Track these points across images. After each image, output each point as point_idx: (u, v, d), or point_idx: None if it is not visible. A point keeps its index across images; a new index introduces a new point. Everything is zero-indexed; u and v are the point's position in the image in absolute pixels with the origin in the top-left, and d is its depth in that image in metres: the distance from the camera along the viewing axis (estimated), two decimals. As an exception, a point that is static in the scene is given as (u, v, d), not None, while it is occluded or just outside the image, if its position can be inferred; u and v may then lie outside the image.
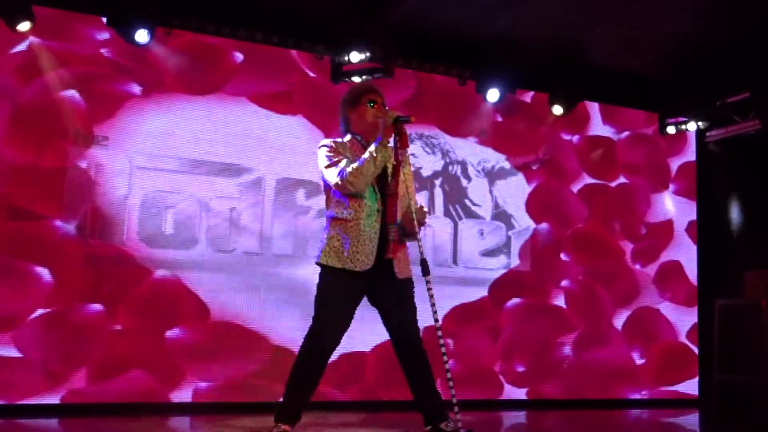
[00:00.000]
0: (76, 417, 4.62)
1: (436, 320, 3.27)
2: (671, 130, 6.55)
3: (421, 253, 3.34)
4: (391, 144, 3.43)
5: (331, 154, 3.43)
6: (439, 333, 3.23)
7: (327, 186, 3.50)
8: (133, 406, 4.81)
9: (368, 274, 3.37)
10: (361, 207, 3.38)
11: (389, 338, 3.55)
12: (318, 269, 3.50)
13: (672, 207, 6.76)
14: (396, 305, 3.46)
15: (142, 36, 4.92)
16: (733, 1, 5.06)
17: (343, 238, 3.38)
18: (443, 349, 3.23)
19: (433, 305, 3.27)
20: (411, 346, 3.47)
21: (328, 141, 3.53)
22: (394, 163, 3.44)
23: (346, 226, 3.38)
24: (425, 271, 3.30)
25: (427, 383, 3.48)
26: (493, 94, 5.88)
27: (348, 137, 3.57)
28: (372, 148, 3.34)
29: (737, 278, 6.21)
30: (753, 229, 6.56)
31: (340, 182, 3.34)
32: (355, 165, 3.32)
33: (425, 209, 3.48)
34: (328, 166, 3.42)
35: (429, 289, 3.26)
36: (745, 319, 6.12)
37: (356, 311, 5.16)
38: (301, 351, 3.46)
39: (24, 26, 4.70)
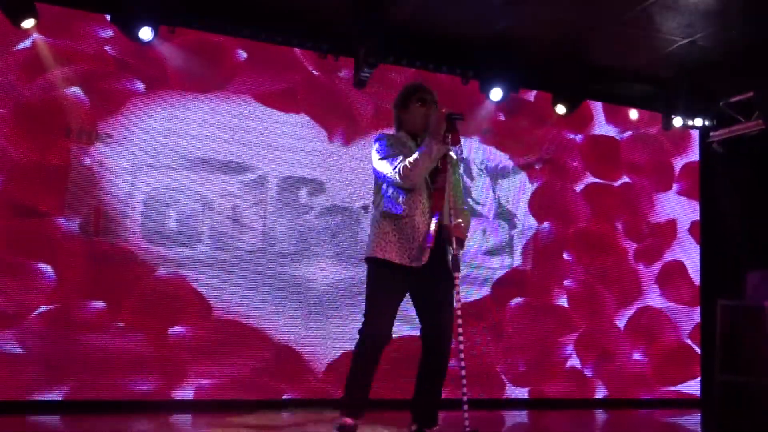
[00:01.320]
0: (78, 414, 4.63)
1: (459, 316, 3.29)
2: (677, 122, 6.49)
3: (453, 249, 3.36)
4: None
5: (387, 148, 3.50)
6: (460, 330, 3.25)
7: (379, 180, 3.55)
8: (135, 403, 4.83)
9: (419, 271, 3.39)
10: (415, 204, 3.43)
11: (420, 332, 3.55)
12: (360, 267, 3.54)
13: (675, 207, 6.75)
14: (437, 304, 3.47)
15: (146, 34, 4.93)
16: (737, 1, 5.05)
17: (396, 233, 3.42)
18: (461, 346, 3.25)
19: (458, 302, 3.29)
20: (437, 347, 3.49)
21: (383, 135, 3.60)
22: (449, 158, 3.46)
23: (400, 223, 3.43)
24: (456, 267, 3.32)
25: (433, 385, 3.52)
26: (496, 93, 5.88)
27: (402, 133, 3.63)
28: (427, 142, 3.38)
29: (740, 278, 6.21)
30: (756, 230, 6.55)
31: (397, 175, 3.39)
32: (411, 158, 3.38)
33: (462, 225, 3.49)
34: (382, 159, 3.48)
35: (456, 285, 3.28)
36: (747, 320, 6.11)
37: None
38: (356, 346, 3.49)
39: (28, 23, 4.71)
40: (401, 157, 3.42)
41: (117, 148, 5.02)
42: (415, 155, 3.38)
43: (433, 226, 3.37)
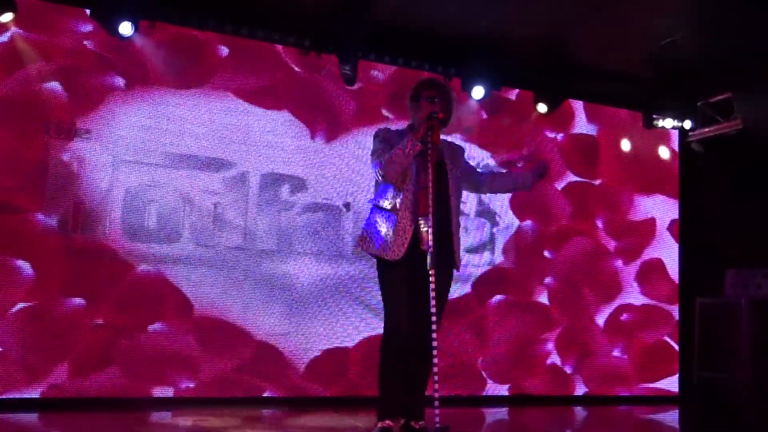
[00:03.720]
0: (56, 412, 4.59)
1: (433, 314, 3.30)
2: (657, 123, 6.58)
3: (430, 246, 3.36)
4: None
5: (379, 144, 3.57)
6: (434, 327, 3.27)
7: (374, 174, 3.64)
8: (115, 401, 4.80)
9: (406, 264, 3.43)
10: (400, 200, 3.48)
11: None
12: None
13: (654, 205, 6.81)
14: (421, 295, 3.46)
15: (125, 29, 4.90)
16: (717, 3, 5.10)
17: (379, 227, 3.50)
18: (434, 343, 3.27)
19: (432, 298, 3.30)
20: (417, 339, 3.50)
21: (380, 130, 3.66)
22: (428, 157, 3.46)
23: (384, 215, 3.50)
24: (432, 264, 3.33)
25: (417, 379, 3.55)
26: (478, 92, 5.89)
27: (406, 127, 3.70)
28: (406, 138, 3.44)
29: (718, 277, 6.29)
30: (734, 228, 6.63)
31: (378, 169, 3.49)
32: (388, 155, 3.44)
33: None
34: (372, 154, 3.58)
35: (431, 282, 3.30)
36: (725, 317, 6.19)
37: (345, 306, 5.13)
38: (380, 345, 3.53)
39: (6, 17, 4.65)
40: (386, 152, 3.48)
41: (96, 144, 4.97)
42: (392, 152, 3.43)
43: (424, 228, 3.39)
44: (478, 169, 3.87)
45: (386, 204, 3.51)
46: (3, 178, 4.72)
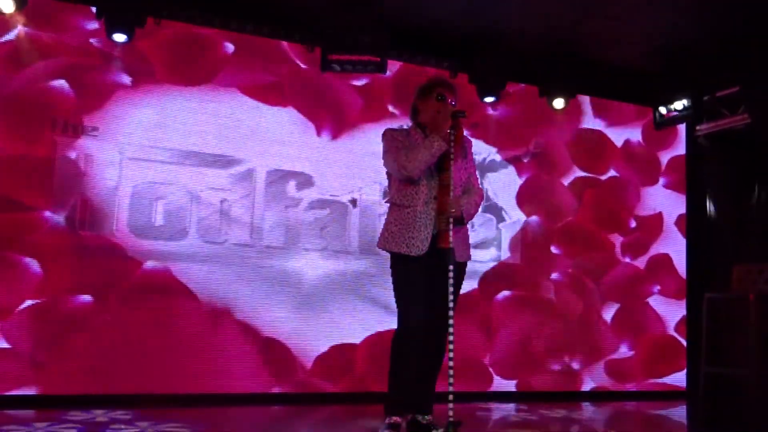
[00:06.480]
0: (64, 408, 4.60)
1: (451, 309, 3.31)
2: (664, 120, 6.58)
3: (450, 243, 3.37)
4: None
5: (390, 142, 3.58)
6: (451, 321, 3.28)
7: (388, 173, 3.66)
8: (123, 397, 4.81)
9: (425, 259, 3.45)
10: (418, 194, 3.50)
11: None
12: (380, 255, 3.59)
13: (661, 200, 6.79)
14: (439, 291, 3.45)
15: (119, 38, 4.92)
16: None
17: (399, 223, 3.51)
18: (451, 337, 3.28)
19: (451, 293, 3.31)
20: (431, 333, 3.51)
21: (388, 130, 3.67)
22: (452, 155, 3.48)
23: (403, 212, 3.52)
24: (449, 259, 3.34)
25: (428, 373, 3.55)
26: (485, 88, 5.88)
27: (411, 125, 3.71)
28: (429, 137, 3.47)
29: (726, 272, 6.26)
30: (741, 223, 6.60)
31: (396, 167, 3.50)
32: (411, 151, 3.46)
33: (461, 201, 3.53)
34: (386, 153, 3.59)
35: (449, 278, 3.31)
36: (732, 312, 6.16)
37: (351, 302, 5.14)
38: (392, 340, 3.54)
39: (7, 7, 4.63)
40: (403, 150, 3.50)
41: (103, 142, 4.99)
42: (416, 148, 3.46)
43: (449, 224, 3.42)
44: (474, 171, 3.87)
45: (405, 201, 3.53)
46: (10, 175, 4.73)
